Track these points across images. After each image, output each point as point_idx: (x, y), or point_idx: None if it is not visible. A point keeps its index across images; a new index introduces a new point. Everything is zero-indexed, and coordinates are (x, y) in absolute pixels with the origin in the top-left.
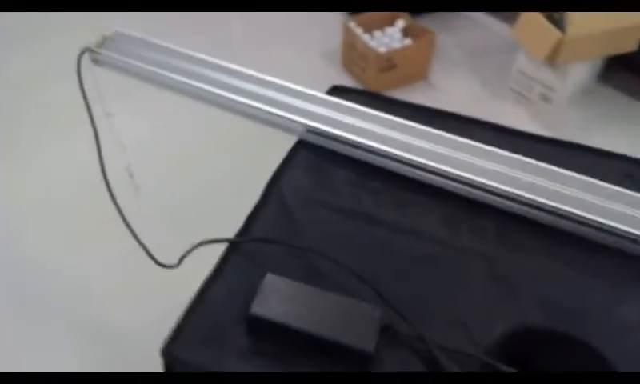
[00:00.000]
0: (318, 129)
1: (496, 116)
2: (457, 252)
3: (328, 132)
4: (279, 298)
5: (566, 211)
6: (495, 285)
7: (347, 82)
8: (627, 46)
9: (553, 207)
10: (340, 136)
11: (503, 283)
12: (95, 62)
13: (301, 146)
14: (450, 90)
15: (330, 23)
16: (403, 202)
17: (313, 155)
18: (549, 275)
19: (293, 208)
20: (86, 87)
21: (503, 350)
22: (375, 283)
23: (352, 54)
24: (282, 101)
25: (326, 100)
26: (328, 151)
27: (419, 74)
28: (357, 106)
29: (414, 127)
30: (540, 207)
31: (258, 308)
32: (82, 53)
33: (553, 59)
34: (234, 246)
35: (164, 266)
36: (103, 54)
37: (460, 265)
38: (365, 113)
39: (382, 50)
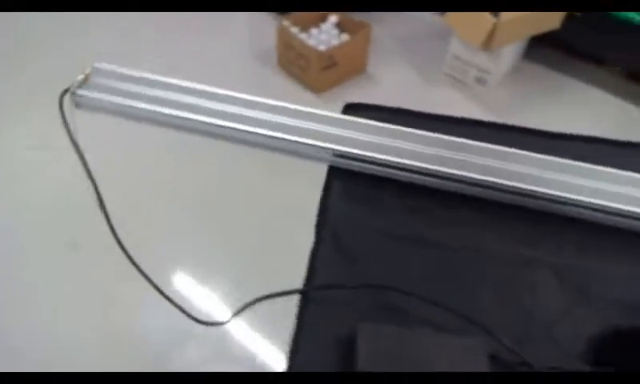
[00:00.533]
0: (347, 152)
1: (437, 102)
2: (523, 267)
3: (358, 154)
4: (381, 348)
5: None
6: (569, 293)
7: (285, 81)
8: (552, 24)
9: (615, 208)
10: (371, 157)
11: (576, 290)
12: (77, 105)
13: (333, 173)
14: (388, 81)
15: (258, 23)
16: (453, 219)
17: (348, 182)
18: (618, 275)
19: (349, 243)
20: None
21: (594, 355)
22: (458, 311)
23: (289, 54)
24: (303, 127)
25: (348, 121)
26: (360, 174)
27: (358, 68)
28: (379, 124)
29: (448, 140)
30: (593, 208)
31: (365, 364)
32: (63, 94)
33: (488, 44)
34: (305, 296)
35: (209, 323)
36: (84, 96)
37: (530, 279)
38: (391, 130)
39: (322, 48)
